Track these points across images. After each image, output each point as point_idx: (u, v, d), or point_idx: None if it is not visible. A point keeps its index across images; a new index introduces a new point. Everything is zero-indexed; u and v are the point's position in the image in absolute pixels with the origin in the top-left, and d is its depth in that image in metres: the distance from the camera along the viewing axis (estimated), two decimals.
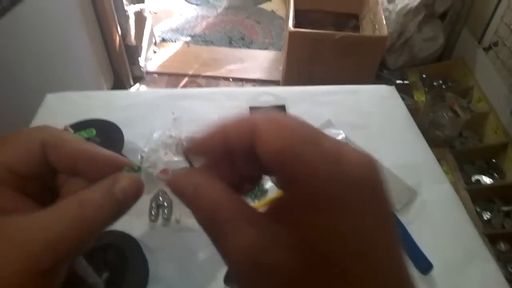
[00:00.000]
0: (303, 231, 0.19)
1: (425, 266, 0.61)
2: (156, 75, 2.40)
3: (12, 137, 0.24)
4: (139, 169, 0.24)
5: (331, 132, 0.85)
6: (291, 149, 0.19)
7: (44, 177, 0.25)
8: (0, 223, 0.20)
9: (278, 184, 0.21)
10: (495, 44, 1.85)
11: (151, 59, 2.49)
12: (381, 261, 0.18)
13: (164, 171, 0.71)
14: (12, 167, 0.23)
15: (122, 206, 0.23)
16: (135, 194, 0.23)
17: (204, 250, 0.63)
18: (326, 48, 1.94)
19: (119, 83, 2.17)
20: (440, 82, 2.13)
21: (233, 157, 0.23)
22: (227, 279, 0.58)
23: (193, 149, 0.23)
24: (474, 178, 1.65)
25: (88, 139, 0.70)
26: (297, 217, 0.19)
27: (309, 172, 0.19)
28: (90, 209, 0.21)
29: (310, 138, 0.20)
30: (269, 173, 0.23)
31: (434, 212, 0.71)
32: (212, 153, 0.23)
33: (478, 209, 1.51)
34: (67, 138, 0.24)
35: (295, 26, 1.94)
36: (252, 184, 0.25)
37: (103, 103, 0.93)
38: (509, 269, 1.32)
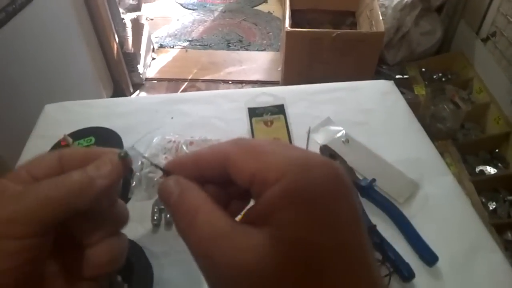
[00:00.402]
0: (275, 230, 0.19)
1: (430, 258, 0.61)
2: (155, 81, 2.41)
3: (37, 156, 0.29)
4: (126, 155, 0.26)
5: (331, 129, 0.85)
6: (265, 164, 0.21)
7: None
8: None
9: (254, 197, 0.22)
10: (493, 34, 1.85)
11: (150, 66, 2.50)
12: (352, 251, 0.19)
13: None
14: (34, 173, 0.27)
15: (92, 181, 0.25)
16: (109, 171, 0.26)
17: None
18: (324, 47, 1.94)
19: (119, 91, 2.18)
20: (440, 75, 2.13)
21: (204, 181, 0.25)
22: None
23: (168, 167, 0.26)
24: (478, 169, 1.64)
25: (87, 147, 0.71)
26: (270, 217, 0.20)
27: (279, 175, 0.20)
28: (58, 181, 0.25)
29: (278, 151, 0.22)
30: (242, 195, 0.26)
31: (438, 205, 0.70)
32: (184, 175, 0.25)
33: (483, 200, 1.50)
34: (80, 149, 0.29)
35: (292, 26, 1.95)
36: (240, 203, 0.27)
37: (102, 111, 0.93)
38: None
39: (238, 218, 0.24)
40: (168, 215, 0.68)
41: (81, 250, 0.26)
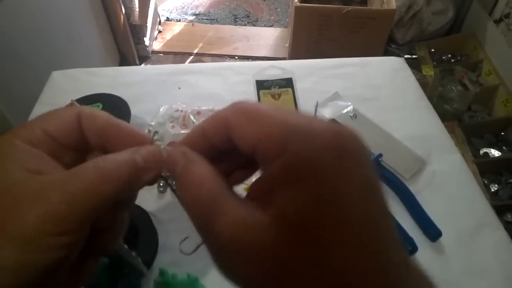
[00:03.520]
0: (279, 206, 0.19)
1: (433, 233, 0.61)
2: (161, 55, 2.39)
3: (52, 110, 0.25)
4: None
5: (339, 104, 0.84)
6: (264, 134, 0.20)
7: (77, 151, 0.26)
8: (29, 180, 0.21)
9: (261, 166, 0.22)
10: (507, 16, 1.81)
11: (156, 39, 2.48)
12: (361, 225, 0.18)
13: (172, 143, 0.71)
14: (50, 132, 0.24)
15: (140, 173, 0.23)
16: (155, 163, 0.24)
17: None
18: (333, 23, 1.90)
19: (125, 63, 2.16)
20: (449, 56, 2.09)
21: (220, 154, 0.24)
22: None
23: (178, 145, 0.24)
24: (483, 151, 1.64)
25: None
26: (273, 194, 0.19)
27: (279, 148, 0.19)
28: (109, 168, 0.22)
29: (279, 118, 0.20)
30: (248, 163, 0.25)
31: (444, 181, 0.70)
32: (197, 149, 0.23)
33: (485, 182, 1.51)
34: (99, 112, 0.26)
35: (301, 1, 1.91)
36: (245, 172, 0.26)
37: (109, 80, 0.92)
38: None
39: (244, 187, 0.24)
40: (174, 182, 0.68)
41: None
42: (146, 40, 2.26)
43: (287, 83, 0.90)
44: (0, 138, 0.23)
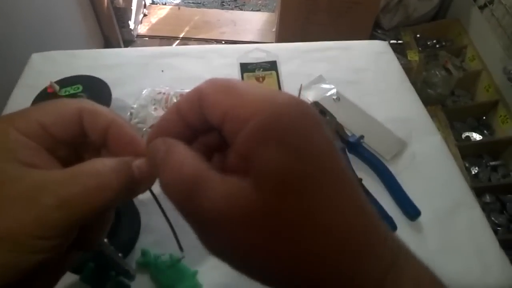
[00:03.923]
0: (258, 167, 0.19)
1: (412, 213, 0.62)
2: (146, 39, 2.36)
3: (52, 102, 0.25)
4: None
5: (322, 87, 0.85)
6: (235, 101, 0.21)
7: (75, 147, 0.26)
8: (22, 174, 0.21)
9: (229, 140, 0.22)
10: (491, 2, 1.82)
11: (141, 22, 2.43)
12: (335, 173, 0.20)
13: (154, 126, 0.70)
14: (48, 127, 0.23)
15: (134, 183, 0.23)
16: (148, 178, 0.24)
17: None
18: (320, 8, 1.89)
19: (109, 47, 2.12)
20: (434, 41, 2.11)
21: (197, 133, 0.24)
22: None
23: (154, 135, 0.24)
24: (464, 135, 1.67)
25: (74, 94, 0.69)
26: (249, 158, 0.19)
27: (250, 113, 0.20)
28: (107, 175, 0.21)
29: (251, 90, 0.21)
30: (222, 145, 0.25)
31: (424, 163, 0.72)
32: (173, 133, 0.23)
33: (466, 164, 1.54)
34: (103, 108, 0.25)
35: None
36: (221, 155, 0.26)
37: (90, 62, 0.91)
38: (492, 218, 1.38)
39: None
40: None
41: None
42: (131, 24, 2.22)
43: (272, 66, 0.89)
44: None
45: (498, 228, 1.36)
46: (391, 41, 2.09)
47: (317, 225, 0.18)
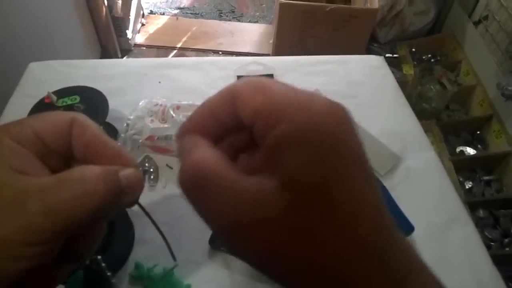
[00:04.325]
0: (286, 169, 0.19)
1: (406, 228, 0.63)
2: (144, 48, 2.37)
3: (47, 113, 0.25)
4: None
5: None
6: (268, 101, 0.21)
7: (65, 157, 0.25)
8: (12, 181, 0.21)
9: (259, 139, 0.22)
10: (485, 18, 1.85)
11: (139, 32, 2.45)
12: (361, 181, 0.20)
13: (150, 138, 0.71)
14: (41, 135, 0.24)
15: (121, 192, 0.23)
16: (135, 187, 0.24)
17: (190, 214, 0.63)
18: (317, 21, 1.92)
19: (107, 56, 2.13)
20: (429, 56, 2.13)
21: (226, 131, 0.24)
22: (212, 241, 0.59)
23: (185, 130, 0.24)
24: (459, 149, 1.68)
25: (71, 105, 0.69)
26: (277, 159, 0.19)
27: (282, 112, 0.20)
28: (92, 179, 0.21)
29: (284, 89, 0.21)
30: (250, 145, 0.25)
31: (418, 178, 0.72)
32: (204, 128, 0.23)
33: (460, 179, 1.55)
34: (92, 123, 0.26)
35: None
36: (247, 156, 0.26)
37: (88, 72, 0.91)
38: (486, 233, 1.38)
39: None
40: (152, 177, 0.68)
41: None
42: (129, 33, 2.23)
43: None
44: None
45: (492, 243, 1.37)
46: (387, 55, 2.11)
47: (343, 229, 0.19)
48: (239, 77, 0.90)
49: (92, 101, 0.71)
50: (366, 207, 0.19)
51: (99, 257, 0.51)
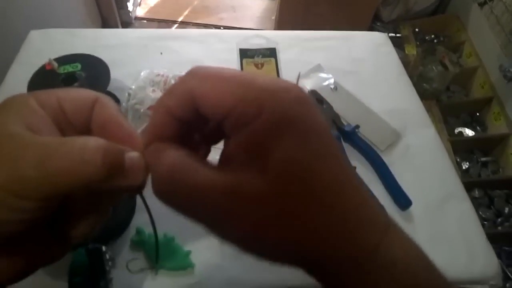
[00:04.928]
0: (277, 156, 0.21)
1: (404, 203, 0.64)
2: (145, 21, 2.33)
3: (75, 88, 0.27)
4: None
5: (320, 76, 0.85)
6: (240, 98, 0.22)
7: (80, 134, 0.25)
8: (20, 134, 0.21)
9: (227, 132, 0.23)
10: None
11: (140, 4, 2.41)
12: (335, 157, 0.22)
13: (152, 108, 0.71)
14: (64, 105, 0.24)
15: (121, 174, 0.22)
16: (138, 171, 0.23)
17: None
18: None
19: (107, 28, 2.10)
20: (432, 36, 2.11)
21: (189, 127, 0.25)
22: None
23: (148, 141, 0.24)
24: (457, 130, 1.69)
25: (72, 73, 0.69)
26: (265, 147, 0.21)
27: (259, 108, 0.21)
28: (91, 147, 0.21)
29: (248, 81, 0.22)
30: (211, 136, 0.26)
31: (417, 154, 0.73)
32: (168, 134, 0.24)
33: (458, 159, 1.56)
34: (114, 105, 0.26)
35: None
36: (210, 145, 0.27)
37: (89, 42, 0.90)
38: (480, 212, 1.41)
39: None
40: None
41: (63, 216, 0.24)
42: (130, 5, 2.20)
43: (271, 53, 0.90)
44: (21, 94, 0.23)
45: (485, 222, 1.39)
46: (390, 34, 2.09)
47: (322, 203, 0.21)
48: (241, 50, 0.90)
49: (93, 69, 0.71)
50: (339, 180, 0.22)
51: (103, 247, 0.51)
